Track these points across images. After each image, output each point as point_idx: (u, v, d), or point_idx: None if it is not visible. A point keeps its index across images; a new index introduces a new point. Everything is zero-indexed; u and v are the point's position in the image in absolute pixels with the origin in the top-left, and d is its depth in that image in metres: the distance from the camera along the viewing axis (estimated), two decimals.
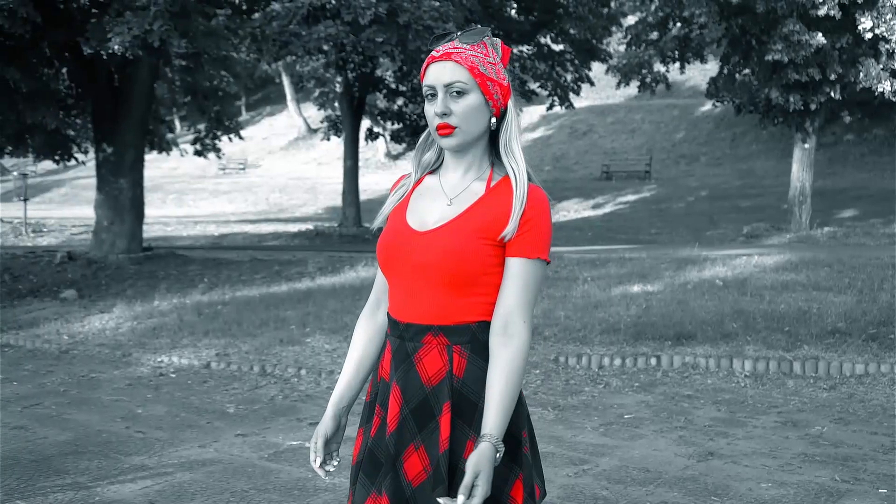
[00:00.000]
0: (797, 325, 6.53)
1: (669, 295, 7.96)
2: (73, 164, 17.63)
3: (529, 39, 19.26)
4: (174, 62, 12.69)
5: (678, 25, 17.25)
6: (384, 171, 33.34)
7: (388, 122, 21.63)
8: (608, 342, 6.53)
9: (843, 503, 3.64)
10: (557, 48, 20.19)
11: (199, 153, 20.20)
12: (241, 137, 21.56)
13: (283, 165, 38.20)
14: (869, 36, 13.96)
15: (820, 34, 13.84)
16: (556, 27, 19.14)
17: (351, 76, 19.03)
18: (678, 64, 18.11)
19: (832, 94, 14.90)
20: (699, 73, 30.11)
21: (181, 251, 14.28)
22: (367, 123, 23.24)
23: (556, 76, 19.83)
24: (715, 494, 3.74)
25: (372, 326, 1.96)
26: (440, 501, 1.68)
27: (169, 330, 7.78)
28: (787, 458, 4.23)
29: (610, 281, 8.89)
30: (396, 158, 34.33)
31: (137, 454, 4.48)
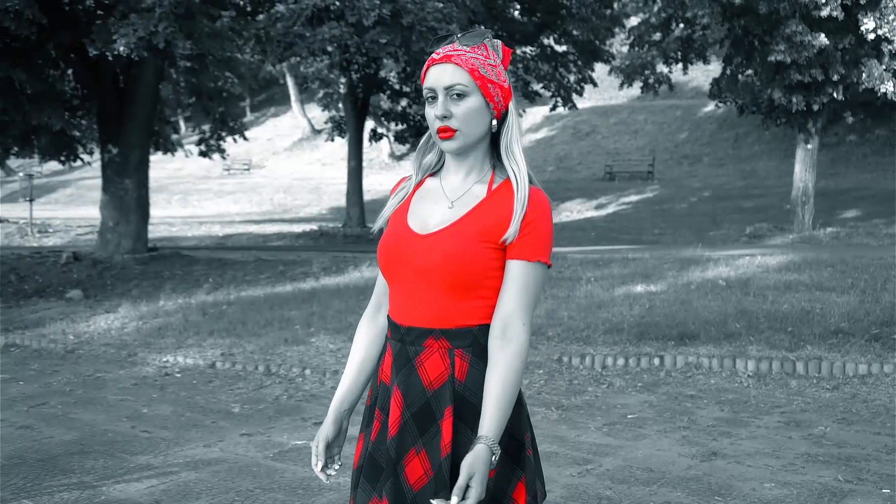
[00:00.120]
0: (800, 325, 6.53)
1: (672, 295, 7.96)
2: (78, 164, 17.68)
3: (533, 40, 19.26)
4: (179, 63, 12.71)
5: (681, 26, 17.25)
6: (388, 171, 33.37)
7: (391, 122, 21.65)
8: (611, 342, 6.53)
9: (846, 503, 3.63)
10: (560, 49, 20.19)
11: (203, 154, 20.21)
12: (245, 138, 21.60)
13: (287, 166, 38.24)
14: (871, 37, 13.95)
15: (822, 35, 13.83)
16: (559, 28, 19.14)
17: (355, 77, 19.05)
18: (681, 65, 18.10)
19: (835, 94, 14.89)
20: (702, 73, 30.10)
21: (186, 251, 14.30)
22: (370, 124, 23.24)
23: (559, 77, 19.84)
24: (718, 494, 3.74)
25: (373, 329, 1.95)
26: (433, 502, 1.68)
27: (174, 330, 7.78)
28: (790, 458, 4.23)
29: (613, 281, 8.89)
30: (400, 159, 34.36)
31: (143, 453, 4.50)
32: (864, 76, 14.48)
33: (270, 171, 38.00)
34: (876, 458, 4.21)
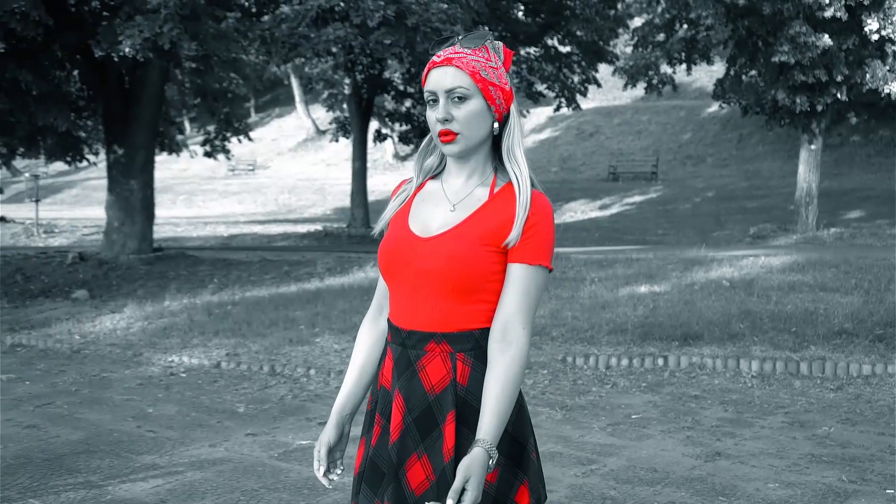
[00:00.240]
0: (804, 325, 6.54)
1: (676, 295, 7.97)
2: (84, 165, 17.74)
3: (537, 41, 19.28)
4: (184, 64, 12.74)
5: (685, 27, 17.22)
6: (392, 171, 33.40)
7: (396, 123, 21.69)
8: (615, 342, 6.54)
9: (849, 503, 3.64)
10: (564, 50, 20.21)
11: (208, 154, 20.26)
12: (250, 139, 21.62)
13: (291, 166, 38.28)
14: (875, 37, 13.94)
15: (826, 36, 13.82)
16: (563, 29, 19.15)
17: (359, 78, 19.08)
18: (685, 65, 18.08)
19: (838, 95, 14.88)
20: (706, 74, 30.07)
21: (191, 252, 14.32)
22: (375, 125, 23.30)
23: (563, 78, 19.84)
24: (722, 495, 3.75)
25: (375, 333, 1.95)
26: None
27: (179, 330, 7.79)
28: (794, 458, 4.23)
29: (617, 281, 8.90)
30: (404, 159, 34.37)
31: (148, 453, 4.50)
32: (867, 77, 14.47)
33: (275, 171, 38.05)
34: (880, 458, 4.21)
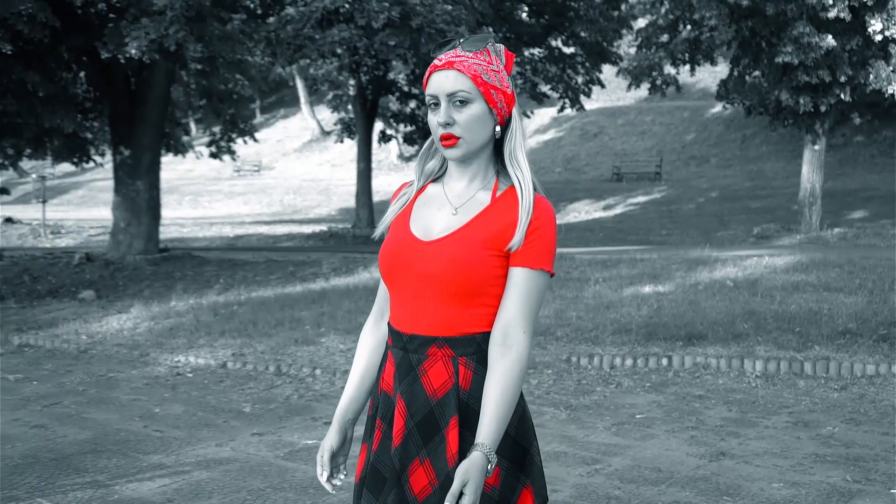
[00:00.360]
0: (808, 325, 6.55)
1: (680, 295, 7.98)
2: (90, 166, 17.81)
3: (541, 42, 19.30)
4: (190, 66, 12.78)
5: (688, 28, 17.22)
6: (397, 172, 33.44)
7: (400, 124, 21.72)
8: (620, 342, 6.55)
9: (854, 503, 3.64)
10: (568, 51, 20.22)
11: (214, 155, 20.34)
12: (255, 140, 21.71)
13: (296, 167, 38.35)
14: (879, 38, 13.94)
15: (830, 36, 13.81)
16: (567, 30, 19.18)
17: (364, 79, 19.11)
18: (688, 66, 18.08)
19: (842, 95, 14.86)
20: (709, 75, 30.06)
21: (197, 252, 14.37)
22: (379, 126, 23.31)
23: (567, 78, 19.87)
24: (727, 494, 3.75)
25: (377, 337, 1.94)
26: None
27: (186, 330, 7.81)
28: (798, 458, 4.23)
29: (621, 282, 8.91)
30: (409, 160, 34.40)
31: (155, 453, 4.52)
32: (871, 77, 14.46)
33: (280, 172, 38.11)
34: (884, 458, 4.21)
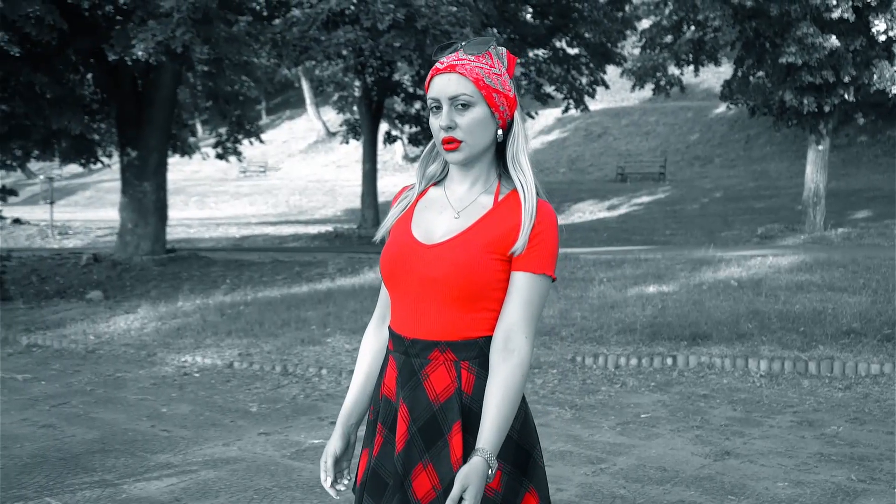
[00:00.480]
0: (812, 325, 6.55)
1: (685, 295, 7.98)
2: (97, 167, 17.88)
3: (545, 43, 19.33)
4: (196, 68, 12.82)
5: (692, 29, 17.24)
6: (402, 173, 33.49)
7: (405, 125, 21.74)
8: (624, 342, 6.55)
9: (859, 502, 3.63)
10: (573, 52, 20.24)
11: (220, 156, 20.41)
12: (261, 141, 21.76)
13: (302, 168, 38.42)
14: (883, 38, 13.95)
15: (834, 37, 13.82)
16: (571, 31, 19.20)
17: (369, 80, 19.14)
18: (692, 67, 18.11)
19: (846, 96, 14.86)
20: (713, 75, 30.06)
21: (204, 253, 14.42)
22: (385, 127, 23.36)
23: (571, 79, 19.89)
24: (732, 493, 3.75)
25: (379, 340, 1.93)
26: None
27: (192, 330, 7.83)
28: (803, 457, 4.23)
29: (626, 281, 8.92)
30: (414, 161, 34.43)
31: (163, 452, 4.54)
32: (875, 77, 14.46)
33: (286, 173, 38.20)
34: (889, 457, 4.21)
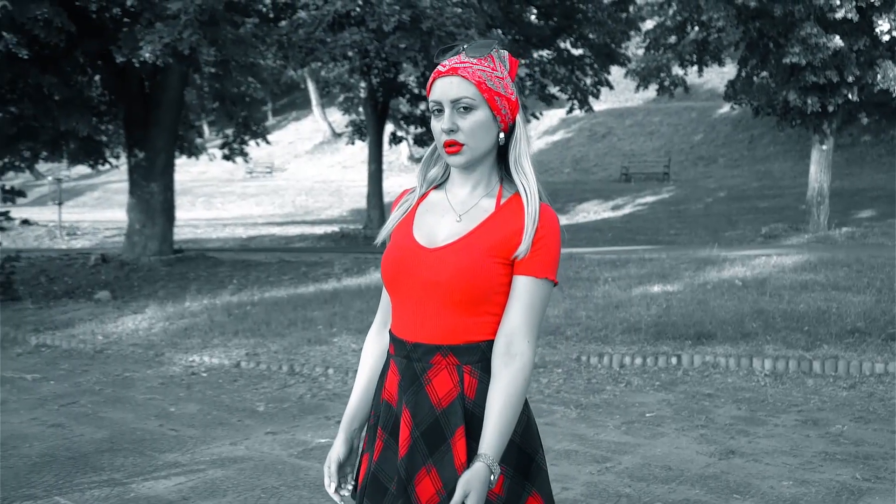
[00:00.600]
0: (816, 324, 6.56)
1: (689, 295, 7.99)
2: (105, 168, 17.95)
3: (549, 44, 19.34)
4: (203, 69, 12.87)
5: (696, 29, 17.24)
6: (407, 173, 33.51)
7: (411, 126, 21.80)
8: (629, 341, 6.57)
9: (864, 501, 3.64)
10: (577, 52, 20.26)
11: (227, 157, 20.49)
12: (267, 142, 21.83)
13: (308, 169, 38.48)
14: (886, 38, 13.94)
15: (837, 37, 13.81)
16: (575, 32, 19.22)
17: (375, 81, 19.17)
18: (696, 67, 18.11)
19: (850, 96, 14.84)
20: (717, 75, 30.02)
21: (211, 253, 14.47)
22: (390, 127, 23.38)
23: (575, 80, 19.90)
24: (737, 492, 3.76)
25: (381, 345, 1.92)
26: None
27: (200, 330, 7.86)
28: (807, 456, 4.24)
29: (630, 281, 8.93)
30: (419, 161, 34.40)
31: (171, 451, 4.56)
32: (878, 77, 14.45)
33: (292, 173, 38.25)
34: (893, 456, 4.22)
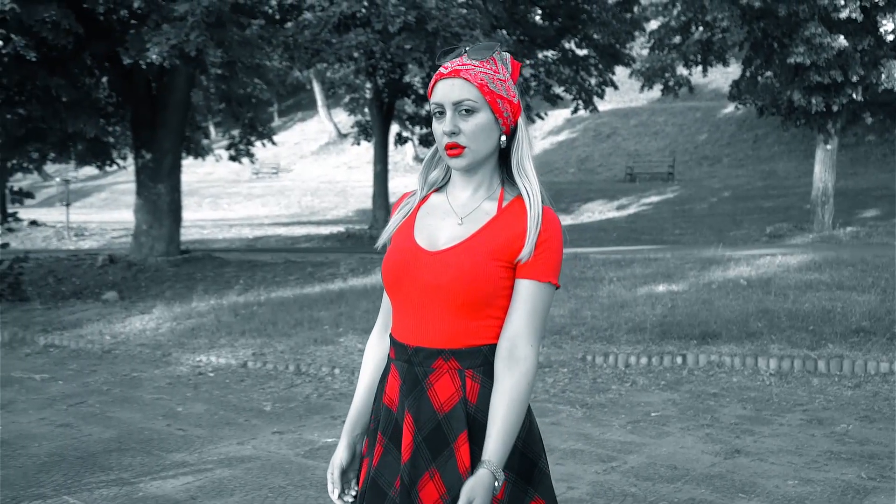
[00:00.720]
0: (821, 323, 6.56)
1: (694, 294, 8.00)
2: (112, 169, 18.03)
3: (554, 45, 19.34)
4: (210, 71, 12.91)
5: (700, 29, 17.22)
6: (413, 174, 33.52)
7: (416, 126, 21.78)
8: (634, 341, 6.59)
9: (869, 500, 3.64)
10: (582, 53, 20.25)
11: (233, 158, 20.57)
12: (273, 143, 21.88)
13: (314, 169, 38.54)
14: (891, 38, 13.93)
15: (842, 37, 13.79)
16: (580, 32, 19.22)
17: (380, 82, 19.19)
18: (701, 67, 18.09)
19: (854, 95, 14.81)
20: (721, 75, 29.97)
21: (217, 254, 14.51)
22: (395, 128, 23.40)
23: (580, 80, 19.90)
24: (742, 491, 3.77)
25: (382, 350, 1.90)
26: None
27: (207, 330, 7.88)
28: (813, 455, 4.25)
29: (635, 281, 8.94)
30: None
31: (178, 451, 4.58)
32: (883, 77, 14.43)
33: (298, 174, 38.31)
34: None
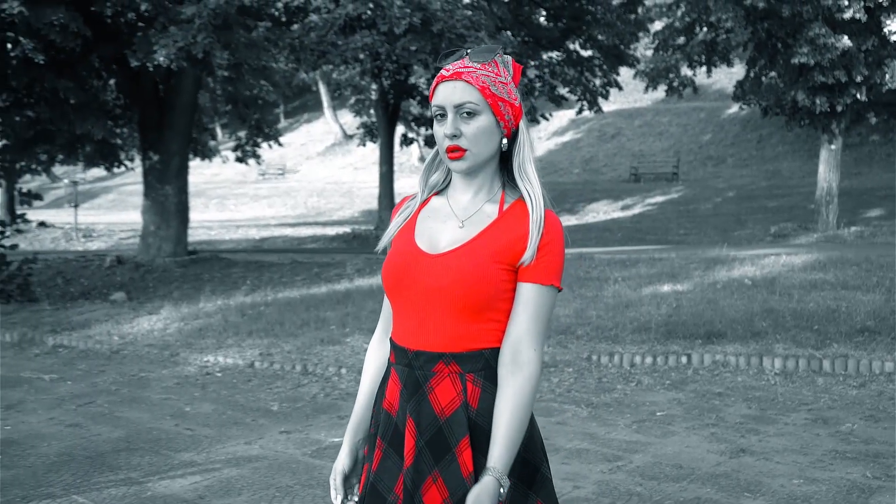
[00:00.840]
0: (826, 323, 6.57)
1: (699, 294, 8.01)
2: (120, 170, 18.09)
3: (559, 46, 19.36)
4: (217, 73, 12.95)
5: (705, 30, 17.23)
6: (418, 175, 33.18)
7: (421, 127, 21.84)
8: (639, 341, 6.60)
9: (874, 499, 3.65)
10: (586, 54, 20.27)
11: (240, 159, 20.64)
12: (280, 144, 21.93)
13: (320, 170, 38.58)
14: (894, 38, 13.90)
15: (846, 37, 13.78)
16: (584, 33, 19.23)
17: (386, 84, 19.23)
18: (705, 68, 18.10)
19: (858, 95, 14.79)
20: (725, 76, 29.94)
21: (224, 254, 14.56)
22: (401, 129, 23.44)
23: (585, 81, 19.91)
24: (748, 491, 3.78)
25: (383, 354, 1.90)
26: None
27: (214, 330, 7.90)
28: (818, 454, 4.26)
29: (640, 281, 8.95)
30: None
31: (186, 451, 4.60)
32: (887, 77, 14.43)
33: (304, 175, 38.35)
34: None
